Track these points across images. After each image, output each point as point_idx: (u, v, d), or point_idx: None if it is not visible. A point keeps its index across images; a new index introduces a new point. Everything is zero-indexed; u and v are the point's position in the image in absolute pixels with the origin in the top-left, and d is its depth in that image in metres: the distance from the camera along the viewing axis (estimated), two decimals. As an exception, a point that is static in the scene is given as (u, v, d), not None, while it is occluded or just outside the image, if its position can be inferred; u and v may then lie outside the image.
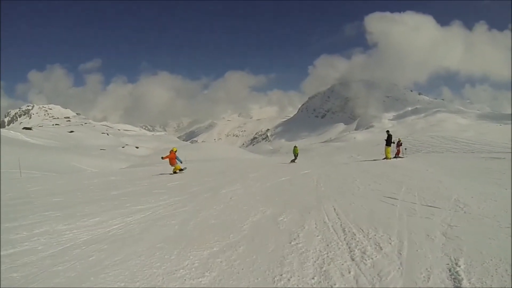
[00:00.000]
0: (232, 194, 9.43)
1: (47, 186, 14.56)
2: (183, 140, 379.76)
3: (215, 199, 8.62)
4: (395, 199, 7.28)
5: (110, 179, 16.90)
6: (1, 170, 30.96)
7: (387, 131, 23.68)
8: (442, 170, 12.73)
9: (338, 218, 5.87)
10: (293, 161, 27.23)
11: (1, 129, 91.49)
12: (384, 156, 22.79)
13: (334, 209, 6.53)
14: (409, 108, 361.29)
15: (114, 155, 79.72)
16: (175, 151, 18.21)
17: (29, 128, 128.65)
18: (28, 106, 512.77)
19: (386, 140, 22.93)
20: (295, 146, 30.47)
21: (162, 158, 18.23)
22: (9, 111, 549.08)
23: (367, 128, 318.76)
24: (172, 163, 17.95)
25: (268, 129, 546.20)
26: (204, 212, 6.99)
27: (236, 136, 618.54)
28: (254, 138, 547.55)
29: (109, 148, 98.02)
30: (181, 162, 18.44)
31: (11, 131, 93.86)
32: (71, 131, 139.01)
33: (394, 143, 23.88)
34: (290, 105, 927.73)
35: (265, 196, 8.76)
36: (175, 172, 17.75)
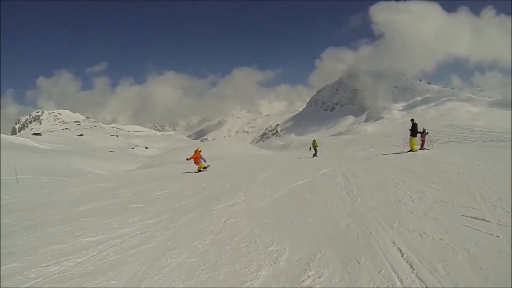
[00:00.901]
0: (229, 212, 6.65)
1: (21, 198, 12.31)
2: (193, 139, 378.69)
3: (201, 224, 5.82)
4: (486, 220, 4.53)
5: (97, 186, 14.57)
6: (7, 177, 29.65)
7: (412, 120, 20.83)
8: (499, 166, 9.74)
9: (420, 279, 3.06)
10: (314, 155, 26.55)
11: (10, 136, 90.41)
12: (409, 148, 19.85)
13: (400, 252, 3.71)
14: (419, 98, 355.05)
15: (123, 156, 78.59)
16: (200, 151, 19.06)
17: (39, 134, 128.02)
18: (38, 112, 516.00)
19: (410, 130, 20.08)
20: (314, 140, 29.96)
21: (187, 159, 19.44)
22: (19, 118, 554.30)
23: (376, 120, 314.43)
24: (196, 162, 18.66)
25: (278, 124, 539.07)
26: (174, 257, 4.24)
27: (246, 132, 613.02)
28: (264, 134, 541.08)
29: (118, 149, 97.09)
30: (205, 161, 19.10)
31: (20, 138, 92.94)
32: (80, 135, 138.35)
33: (420, 132, 20.97)
34: (299, 99, 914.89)
35: (277, 217, 5.94)
36: (199, 171, 18.34)
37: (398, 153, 19.90)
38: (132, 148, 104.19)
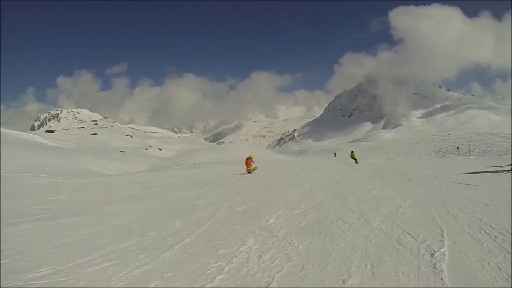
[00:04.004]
0: None
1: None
2: (210, 142, 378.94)
3: None
4: None
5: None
6: (8, 174, 27.72)
7: None
8: None
9: None
10: (356, 162, 31.46)
11: (20, 132, 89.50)
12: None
13: None
14: (438, 105, 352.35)
15: (134, 157, 76.97)
16: (252, 158, 22.32)
17: (52, 131, 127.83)
18: (57, 110, 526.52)
19: None
20: (352, 151, 35.42)
21: (246, 165, 22.12)
22: (39, 115, 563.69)
23: (395, 127, 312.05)
24: (247, 165, 21.84)
25: (295, 130, 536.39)
26: None
27: (263, 137, 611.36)
28: (281, 138, 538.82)
29: (131, 150, 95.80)
30: (253, 162, 22.33)
31: (30, 134, 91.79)
32: (95, 134, 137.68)
33: None
34: (317, 104, 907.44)
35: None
36: (249, 172, 21.45)
37: (498, 170, 13.89)
38: (146, 149, 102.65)
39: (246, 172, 21.63)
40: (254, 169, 22.10)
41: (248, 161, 22.06)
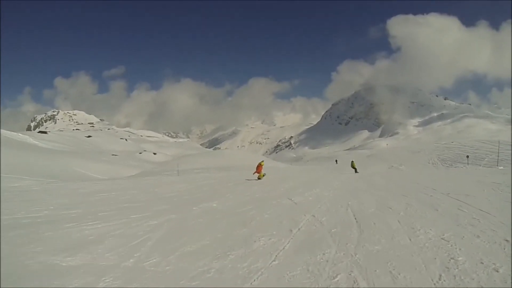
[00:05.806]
0: None
1: None
2: (206, 147, 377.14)
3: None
4: None
5: None
6: None
7: None
8: None
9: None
10: (356, 171, 30.90)
11: (10, 132, 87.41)
12: None
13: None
14: (435, 114, 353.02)
15: (127, 161, 75.11)
16: (263, 165, 22.79)
17: (44, 132, 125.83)
18: (53, 111, 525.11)
19: None
20: (352, 161, 34.94)
21: (256, 171, 22.56)
22: (35, 116, 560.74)
23: (391, 135, 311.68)
24: (258, 172, 22.19)
25: (292, 137, 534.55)
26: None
27: (260, 143, 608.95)
28: (278, 145, 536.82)
29: (125, 153, 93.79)
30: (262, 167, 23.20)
31: (20, 134, 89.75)
32: (88, 136, 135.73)
33: None
34: (314, 112, 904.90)
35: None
36: (259, 178, 21.78)
37: None
38: (140, 153, 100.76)
39: (256, 178, 22.09)
40: (263, 175, 22.59)
41: (259, 167, 22.61)
